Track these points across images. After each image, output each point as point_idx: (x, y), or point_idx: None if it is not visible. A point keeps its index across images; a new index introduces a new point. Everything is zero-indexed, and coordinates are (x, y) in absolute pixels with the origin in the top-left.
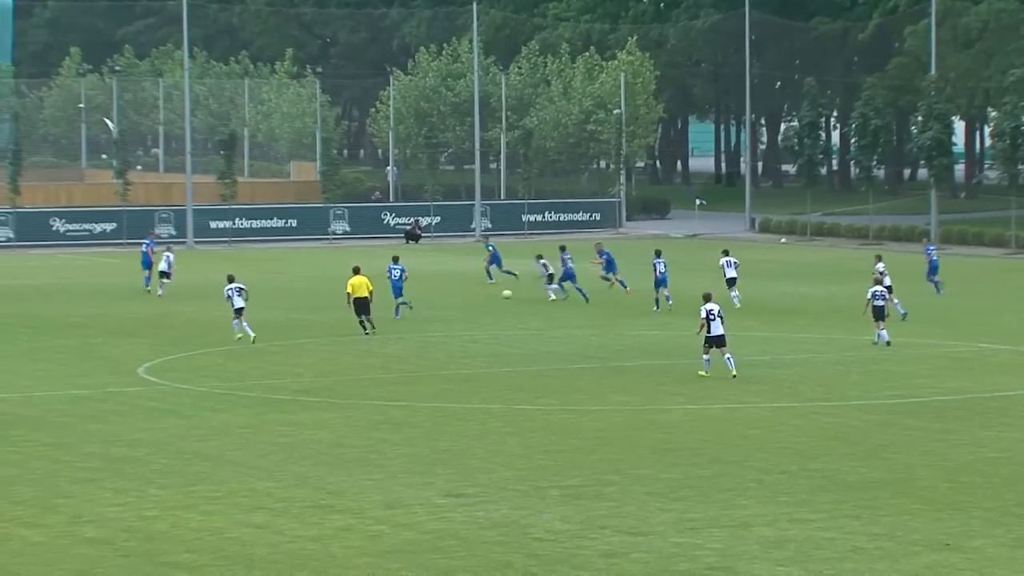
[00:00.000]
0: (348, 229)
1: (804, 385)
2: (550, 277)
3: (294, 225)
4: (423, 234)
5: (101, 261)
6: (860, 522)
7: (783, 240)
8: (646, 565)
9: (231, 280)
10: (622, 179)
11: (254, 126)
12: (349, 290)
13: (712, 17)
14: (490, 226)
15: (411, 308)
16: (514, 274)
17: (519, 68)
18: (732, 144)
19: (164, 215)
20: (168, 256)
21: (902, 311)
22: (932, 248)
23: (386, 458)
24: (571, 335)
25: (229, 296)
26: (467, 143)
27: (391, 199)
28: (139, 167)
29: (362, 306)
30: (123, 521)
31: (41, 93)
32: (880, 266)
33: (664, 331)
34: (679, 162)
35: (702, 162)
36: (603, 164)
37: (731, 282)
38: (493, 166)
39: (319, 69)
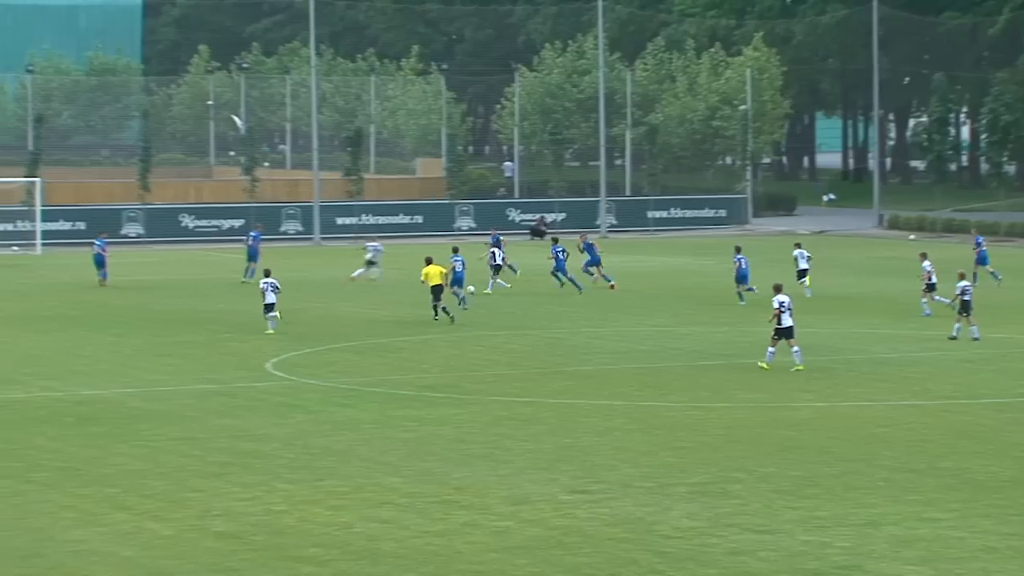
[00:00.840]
0: (474, 225)
1: (933, 382)
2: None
3: (420, 221)
4: (548, 230)
5: (229, 257)
6: (991, 521)
7: (912, 237)
8: (773, 563)
9: (267, 275)
10: (748, 175)
11: (380, 123)
12: (423, 278)
13: (839, 12)
14: (555, 219)
15: (473, 295)
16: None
17: (644, 64)
18: (860, 140)
19: (291, 212)
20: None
21: (947, 301)
22: (981, 240)
23: (511, 454)
24: (696, 332)
25: (264, 290)
26: (592, 139)
27: (515, 195)
28: (266, 164)
29: (438, 293)
30: (252, 515)
31: (170, 90)
32: (927, 264)
33: None
34: (806, 158)
35: (829, 158)
36: (729, 160)
37: (802, 273)
38: (618, 162)
39: (445, 66)
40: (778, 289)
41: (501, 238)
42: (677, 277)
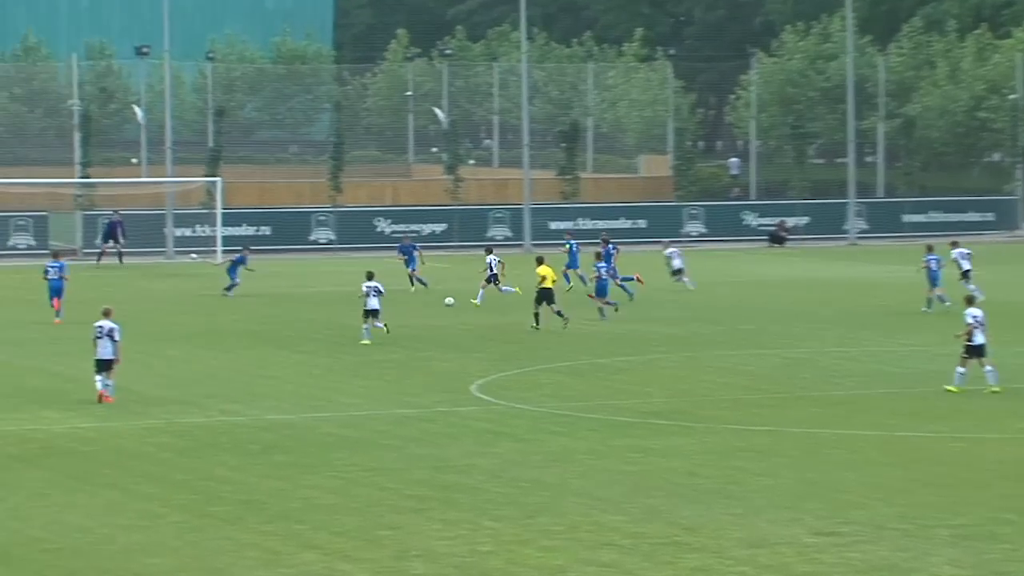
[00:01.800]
0: (704, 231)
1: None
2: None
3: (643, 226)
4: (789, 236)
5: (429, 267)
6: None
7: None
8: None
9: (370, 277)
10: (1019, 174)
11: (598, 115)
12: (541, 274)
13: None
14: (863, 226)
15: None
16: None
17: (899, 48)
18: None
19: (499, 215)
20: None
21: (981, 295)
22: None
23: (747, 490)
24: (958, 352)
25: (366, 294)
26: (839, 133)
27: (751, 196)
28: (471, 161)
29: (545, 296)
30: (454, 556)
31: (364, 80)
32: (956, 252)
33: None
34: None
35: None
36: (997, 157)
37: (966, 275)
38: (869, 159)
39: (672, 51)
40: (970, 301)
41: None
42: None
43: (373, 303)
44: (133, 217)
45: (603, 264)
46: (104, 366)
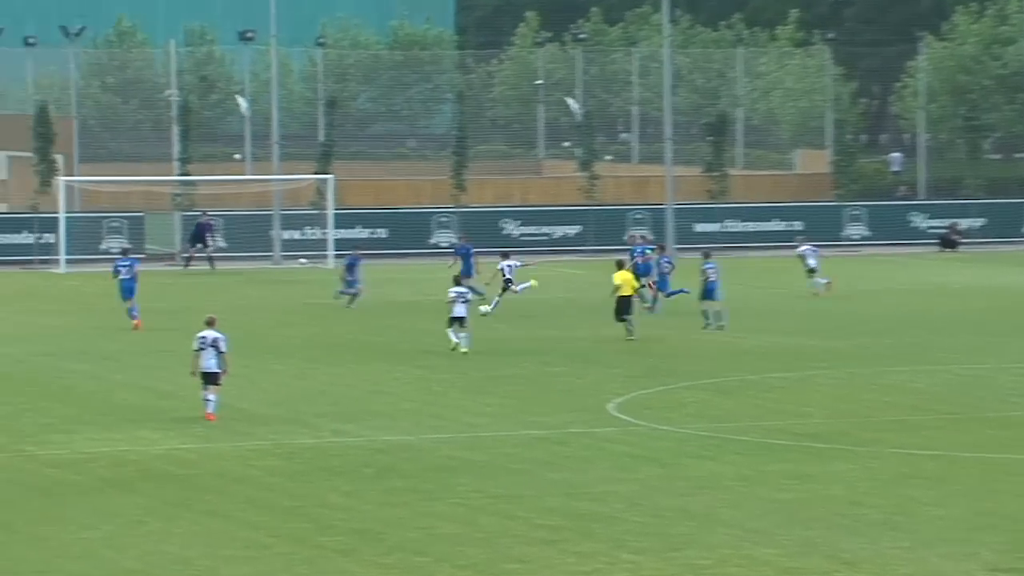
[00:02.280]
0: (867, 233)
1: None
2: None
3: (799, 228)
4: (962, 240)
5: (561, 272)
6: None
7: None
8: None
9: (457, 283)
10: None
11: (749, 106)
12: (617, 282)
13: None
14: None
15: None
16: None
17: None
18: None
19: (638, 215)
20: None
21: None
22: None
23: (916, 521)
24: None
25: (452, 300)
26: (1017, 126)
27: (920, 195)
28: (608, 157)
29: (625, 306)
30: None
31: (490, 68)
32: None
33: None
34: None
35: None
36: None
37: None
38: None
39: (830, 34)
40: None
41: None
42: None
43: (459, 310)
44: (236, 218)
45: (711, 264)
46: (209, 379)
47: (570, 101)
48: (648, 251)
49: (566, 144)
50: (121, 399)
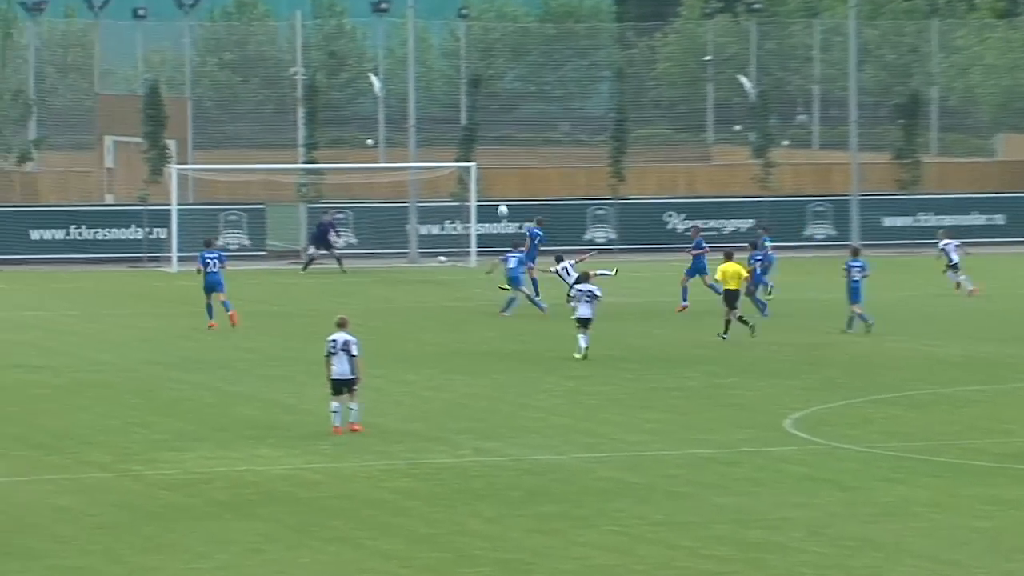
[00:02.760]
0: None
1: None
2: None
3: (1001, 223)
4: None
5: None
6: None
7: None
8: None
9: (585, 279)
10: None
11: (945, 84)
12: (719, 277)
13: None
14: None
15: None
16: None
17: None
18: None
19: (819, 208)
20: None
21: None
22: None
23: None
24: None
25: (574, 297)
26: None
27: None
28: (785, 142)
29: (730, 299)
30: None
31: (653, 41)
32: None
33: None
34: None
35: None
36: None
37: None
38: None
39: None
40: None
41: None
42: None
43: (584, 311)
44: (368, 211)
45: (857, 263)
46: (341, 387)
47: (743, 79)
48: (704, 244)
49: (737, 128)
50: (239, 413)
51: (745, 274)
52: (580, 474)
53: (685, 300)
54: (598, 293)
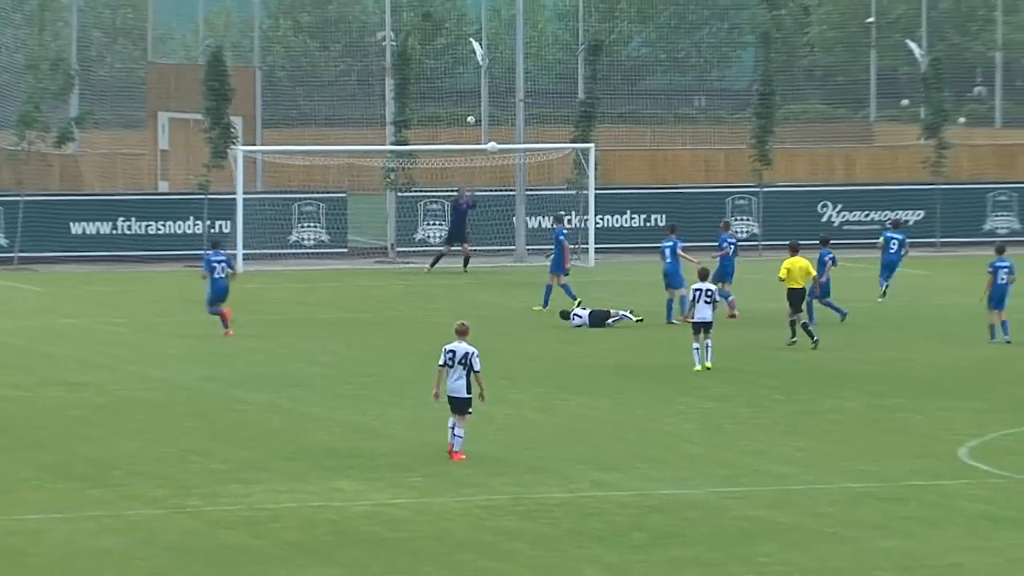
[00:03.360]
0: None
1: None
2: None
3: None
4: None
5: (908, 274)
6: None
7: None
8: None
9: (703, 277)
10: None
11: None
12: (782, 275)
13: None
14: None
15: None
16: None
17: None
18: None
19: (1001, 197)
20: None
21: None
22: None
23: None
24: None
25: (694, 299)
26: None
27: None
28: (961, 119)
29: (795, 300)
30: None
31: (805, 1)
32: None
33: None
34: None
35: None
36: None
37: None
38: None
39: None
40: None
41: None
42: None
43: (704, 312)
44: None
45: (1004, 263)
46: (458, 406)
47: (912, 45)
48: (730, 242)
49: (905, 103)
50: (313, 439)
51: (813, 272)
52: (716, 512)
53: (733, 310)
54: (718, 297)
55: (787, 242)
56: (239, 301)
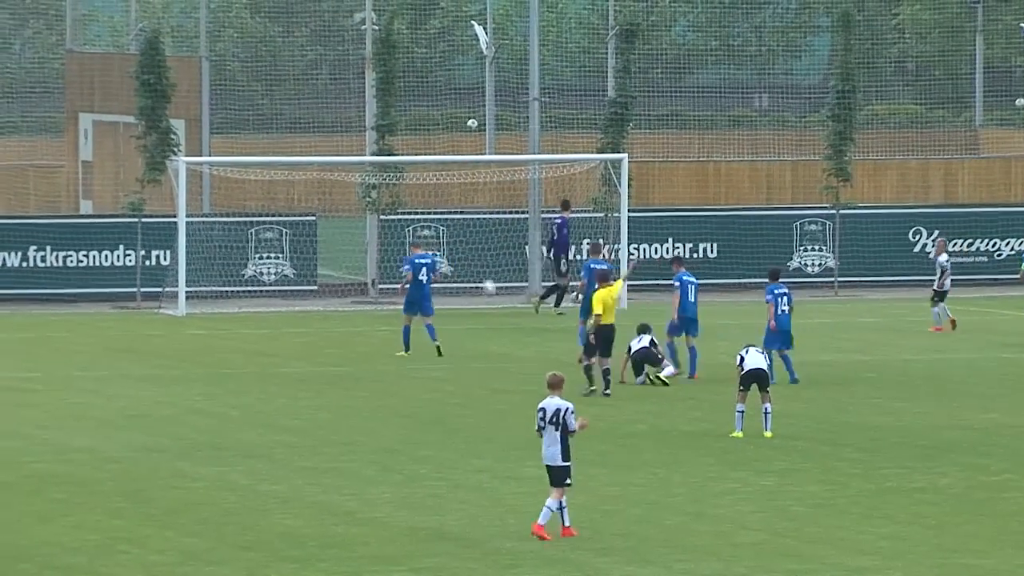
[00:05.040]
0: None
1: None
2: None
3: None
4: None
5: (1014, 314)
6: None
7: None
8: None
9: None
10: None
11: None
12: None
13: None
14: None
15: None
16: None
17: None
18: None
19: None
20: None
21: None
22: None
23: None
24: None
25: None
26: None
27: None
28: None
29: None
30: None
31: None
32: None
33: None
34: None
35: None
36: None
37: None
38: None
39: None
40: None
41: None
42: None
43: (756, 359)
44: (466, 225)
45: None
46: (556, 477)
47: None
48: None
49: (1020, 103)
50: (274, 524)
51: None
52: None
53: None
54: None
55: (873, 278)
56: (180, 351)
